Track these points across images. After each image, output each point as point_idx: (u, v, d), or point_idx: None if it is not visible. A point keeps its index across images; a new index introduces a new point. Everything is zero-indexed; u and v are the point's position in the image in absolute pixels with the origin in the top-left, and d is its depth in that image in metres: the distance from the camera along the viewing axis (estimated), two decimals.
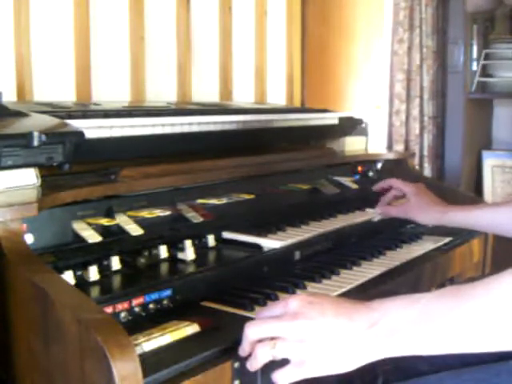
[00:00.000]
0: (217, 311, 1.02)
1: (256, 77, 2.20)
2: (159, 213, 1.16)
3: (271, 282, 1.15)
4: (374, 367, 0.84)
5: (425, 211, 1.48)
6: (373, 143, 2.13)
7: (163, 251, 1.13)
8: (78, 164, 1.08)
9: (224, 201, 1.31)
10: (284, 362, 0.83)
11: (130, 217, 1.12)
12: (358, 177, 1.78)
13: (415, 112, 2.75)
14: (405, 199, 1.55)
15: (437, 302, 0.80)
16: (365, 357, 0.81)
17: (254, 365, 0.84)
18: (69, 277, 0.94)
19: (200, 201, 1.28)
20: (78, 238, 1.03)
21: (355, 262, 1.30)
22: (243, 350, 0.86)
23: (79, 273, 0.98)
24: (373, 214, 1.56)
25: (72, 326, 0.75)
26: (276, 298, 1.07)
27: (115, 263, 1.04)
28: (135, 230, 1.10)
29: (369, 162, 1.85)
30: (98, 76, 1.67)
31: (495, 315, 0.76)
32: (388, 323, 0.80)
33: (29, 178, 0.93)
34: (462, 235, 1.63)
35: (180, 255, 1.14)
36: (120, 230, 1.09)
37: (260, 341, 0.84)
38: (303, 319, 0.82)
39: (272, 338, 0.83)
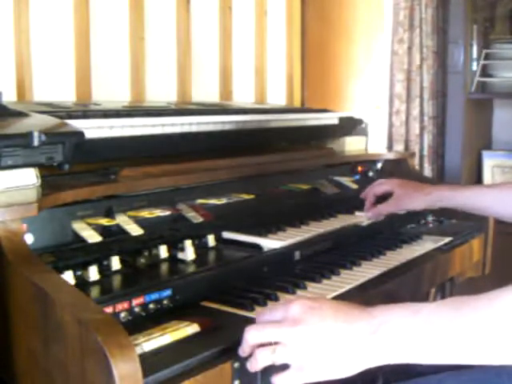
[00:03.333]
0: (217, 311, 1.02)
1: (256, 77, 2.20)
2: (159, 213, 1.16)
3: (271, 282, 1.15)
4: (375, 367, 0.84)
5: (414, 197, 1.48)
6: (373, 143, 2.13)
7: (163, 251, 1.13)
8: (78, 164, 1.08)
9: (224, 201, 1.31)
10: (284, 365, 0.83)
11: (130, 217, 1.12)
12: (358, 177, 1.78)
13: (415, 112, 2.75)
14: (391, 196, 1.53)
15: (438, 313, 0.80)
16: (364, 363, 0.82)
17: (253, 367, 0.85)
18: (69, 277, 0.94)
19: (200, 201, 1.28)
20: (78, 238, 1.03)
21: (355, 262, 1.30)
22: (243, 352, 0.86)
23: (79, 273, 0.98)
24: (362, 218, 1.52)
25: (72, 326, 0.75)
26: (276, 298, 1.07)
27: (115, 263, 1.04)
28: (135, 230, 1.10)
29: (369, 162, 1.85)
30: (97, 76, 1.67)
31: (496, 329, 0.76)
32: (388, 331, 0.80)
33: (29, 177, 0.93)
34: (462, 235, 1.63)
35: (180, 255, 1.14)
36: (120, 230, 1.09)
37: (260, 344, 0.84)
38: (303, 325, 0.82)
39: (272, 342, 0.84)
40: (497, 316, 0.76)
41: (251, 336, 0.84)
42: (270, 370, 0.85)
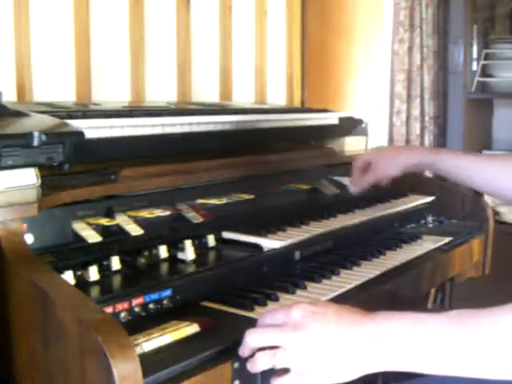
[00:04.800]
0: (217, 311, 1.02)
1: (256, 77, 2.20)
2: (159, 213, 1.16)
3: (271, 282, 1.15)
4: None
5: (389, 162, 1.48)
6: (373, 143, 2.12)
7: (163, 251, 1.13)
8: (78, 164, 1.08)
9: (224, 201, 1.31)
10: (285, 368, 0.83)
11: (129, 217, 1.12)
12: None
13: (416, 112, 2.75)
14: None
15: (442, 325, 0.80)
16: (364, 369, 0.82)
17: (253, 370, 0.85)
18: (69, 277, 0.94)
19: (200, 201, 1.28)
20: (78, 238, 1.03)
21: (355, 262, 1.30)
22: (243, 353, 0.86)
23: (79, 273, 0.98)
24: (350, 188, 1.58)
25: (72, 326, 0.75)
26: (276, 298, 1.07)
27: (115, 263, 1.04)
28: (135, 230, 1.10)
29: None
30: (98, 76, 1.67)
31: (500, 345, 0.76)
32: (391, 340, 0.80)
33: (29, 177, 0.93)
34: (462, 235, 1.63)
35: (180, 255, 1.14)
36: (120, 230, 1.09)
37: (261, 347, 0.84)
38: (305, 330, 0.82)
39: (273, 346, 0.84)
40: (501, 332, 0.77)
41: (252, 339, 0.84)
42: (271, 371, 0.85)
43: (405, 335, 0.80)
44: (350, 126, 1.89)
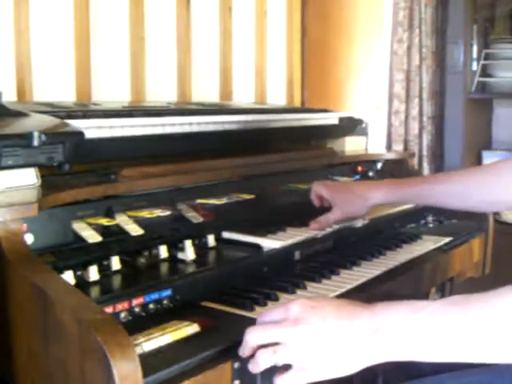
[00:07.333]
0: (217, 311, 1.02)
1: (256, 77, 2.20)
2: (159, 213, 1.16)
3: (271, 282, 1.15)
4: (375, 367, 0.84)
5: (360, 203, 1.40)
6: (372, 143, 2.13)
7: (163, 251, 1.12)
8: (78, 164, 1.08)
9: (224, 201, 1.31)
10: (286, 365, 0.83)
11: (129, 217, 1.12)
12: (358, 177, 1.78)
13: (414, 112, 2.75)
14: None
15: (442, 312, 0.80)
16: (366, 360, 0.81)
17: (255, 369, 0.85)
18: (69, 277, 0.94)
19: (200, 201, 1.28)
20: (78, 238, 1.03)
21: (355, 262, 1.30)
22: (243, 353, 0.86)
23: (79, 273, 0.98)
24: (314, 232, 1.33)
25: (72, 326, 0.75)
26: (276, 298, 1.07)
27: (115, 263, 1.04)
28: (135, 230, 1.10)
29: (369, 161, 1.85)
30: (97, 76, 1.67)
31: (500, 329, 0.76)
32: (391, 330, 0.80)
33: (29, 177, 0.93)
34: (462, 235, 1.63)
35: (180, 255, 1.14)
36: (120, 230, 1.09)
37: (261, 346, 0.84)
38: (304, 325, 0.82)
39: (273, 343, 0.83)
40: (500, 315, 0.76)
41: (252, 337, 0.84)
42: (271, 370, 0.85)
43: (405, 324, 0.80)
44: (350, 125, 1.89)
